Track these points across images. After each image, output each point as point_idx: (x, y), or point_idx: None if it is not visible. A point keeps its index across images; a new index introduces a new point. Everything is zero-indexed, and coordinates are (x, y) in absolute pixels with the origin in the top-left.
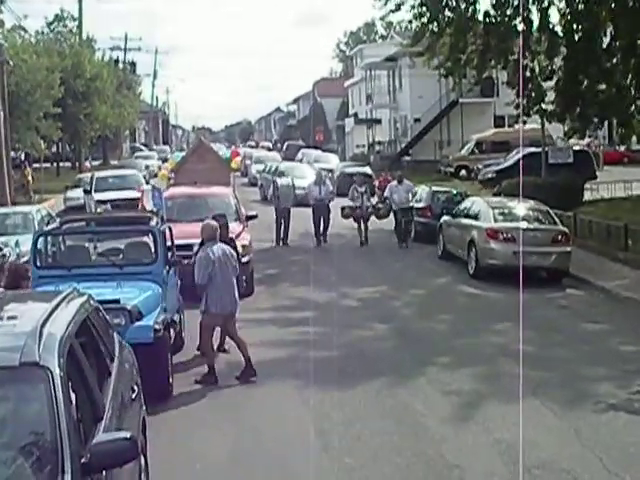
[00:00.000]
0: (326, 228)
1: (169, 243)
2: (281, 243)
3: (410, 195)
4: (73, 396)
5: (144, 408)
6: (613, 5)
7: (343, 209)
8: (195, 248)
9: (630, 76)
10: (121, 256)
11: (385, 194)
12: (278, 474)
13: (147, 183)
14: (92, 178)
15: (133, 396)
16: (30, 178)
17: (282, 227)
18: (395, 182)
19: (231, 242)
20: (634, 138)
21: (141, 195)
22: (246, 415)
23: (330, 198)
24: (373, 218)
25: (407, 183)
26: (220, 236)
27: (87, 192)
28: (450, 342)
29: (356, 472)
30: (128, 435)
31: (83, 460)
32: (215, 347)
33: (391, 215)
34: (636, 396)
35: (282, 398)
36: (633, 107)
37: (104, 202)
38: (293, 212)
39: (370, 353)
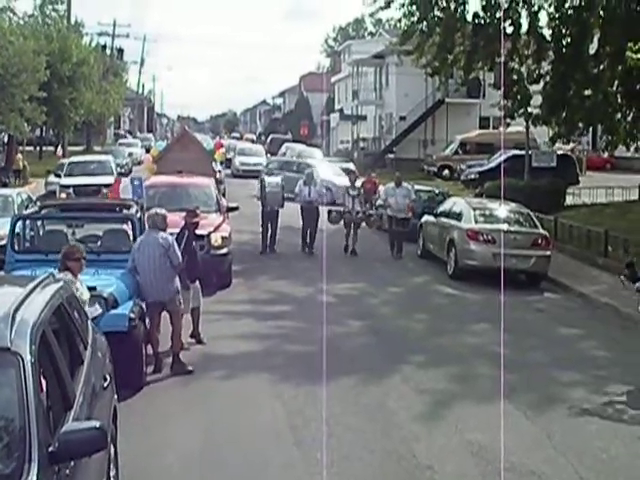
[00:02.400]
0: (313, 236)
1: None
2: (267, 250)
3: (408, 201)
4: (44, 383)
5: (116, 397)
6: (602, 12)
7: (330, 213)
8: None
9: (617, 83)
10: (99, 243)
11: (380, 200)
12: (249, 468)
13: (130, 172)
14: (64, 163)
15: (105, 385)
16: (25, 163)
17: (269, 232)
18: (392, 184)
19: (197, 237)
20: (620, 145)
21: (115, 183)
22: (219, 407)
23: (321, 201)
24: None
25: (406, 186)
26: (187, 227)
27: (57, 177)
28: (426, 341)
29: (327, 469)
30: (98, 424)
31: (51, 449)
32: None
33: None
34: (609, 402)
35: (256, 391)
36: (619, 114)
37: (67, 187)
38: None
39: (345, 350)
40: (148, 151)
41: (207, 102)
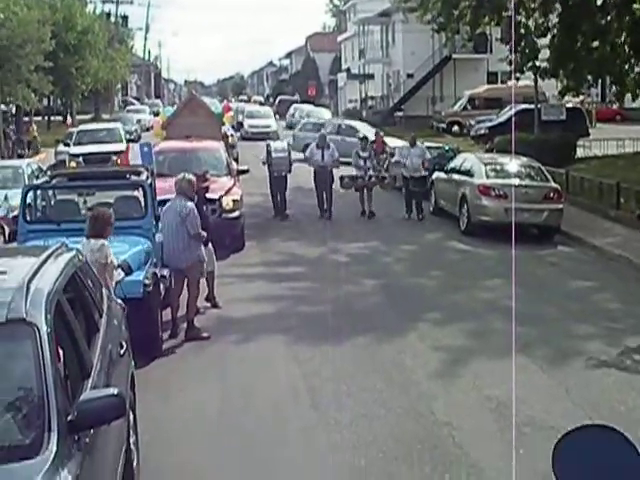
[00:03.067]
0: (330, 201)
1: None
2: (279, 214)
3: (422, 161)
4: (61, 353)
5: (133, 364)
6: None
7: (342, 179)
8: None
9: (624, 34)
10: (111, 210)
11: (395, 158)
12: (266, 431)
13: (139, 138)
14: (73, 132)
15: (122, 352)
16: (36, 134)
17: (278, 197)
18: (406, 144)
19: (208, 201)
20: (628, 96)
21: (126, 150)
22: (235, 371)
23: (335, 165)
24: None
25: (420, 146)
26: (196, 191)
27: (67, 146)
28: (440, 298)
29: (346, 429)
30: (116, 392)
31: (70, 417)
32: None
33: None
34: (625, 354)
35: (271, 354)
36: (627, 65)
37: (77, 156)
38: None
39: (360, 309)
40: (157, 116)
41: (214, 66)
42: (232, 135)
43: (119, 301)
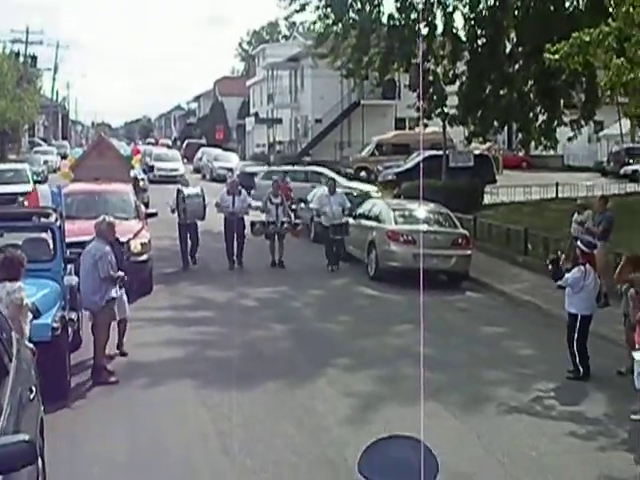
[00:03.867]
0: (241, 248)
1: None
2: (190, 264)
3: (342, 209)
4: None
5: (42, 408)
6: (516, 12)
7: (253, 225)
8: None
9: (531, 82)
10: (11, 249)
11: (313, 206)
12: (177, 477)
13: (46, 179)
14: None
15: (31, 396)
16: None
17: (188, 246)
18: (325, 191)
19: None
20: (532, 143)
21: (33, 191)
22: (144, 415)
23: (245, 211)
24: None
25: (340, 193)
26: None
27: None
28: (350, 343)
29: (257, 475)
30: (27, 438)
31: None
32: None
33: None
34: (536, 399)
35: (180, 399)
36: (532, 113)
37: None
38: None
39: (269, 354)
40: (64, 158)
41: (122, 108)
42: (143, 179)
43: (29, 345)
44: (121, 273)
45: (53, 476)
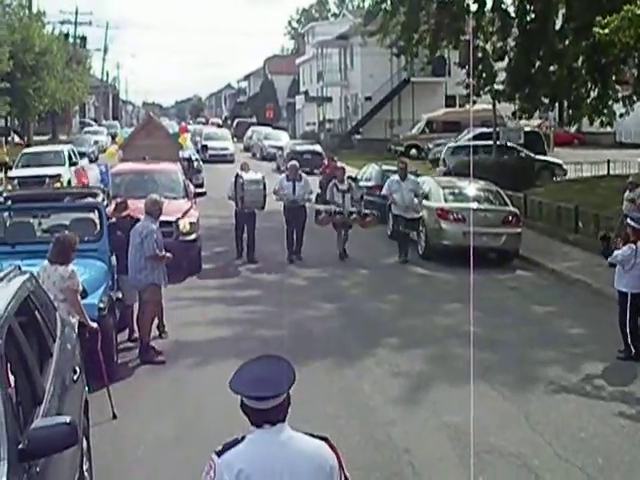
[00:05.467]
0: (300, 240)
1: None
2: (244, 256)
3: (415, 197)
4: (12, 378)
5: (86, 389)
6: None
7: (318, 213)
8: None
9: (581, 58)
10: (67, 232)
11: (383, 192)
12: None
13: (96, 159)
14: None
15: (75, 377)
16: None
17: (245, 237)
18: (396, 177)
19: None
20: (585, 120)
21: (76, 172)
22: (190, 395)
23: (308, 198)
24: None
25: (412, 179)
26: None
27: (9, 168)
28: (399, 323)
29: None
30: (68, 419)
31: (21, 446)
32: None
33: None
34: (585, 380)
35: (227, 379)
36: (584, 89)
37: (13, 179)
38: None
39: (318, 333)
40: (115, 138)
41: (172, 88)
42: (197, 159)
43: (94, 324)
44: (168, 254)
45: (99, 457)
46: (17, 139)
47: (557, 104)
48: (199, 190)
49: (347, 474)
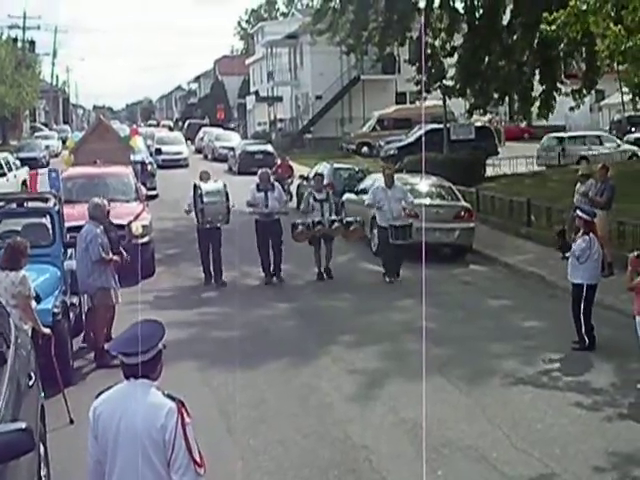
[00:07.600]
0: (279, 259)
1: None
2: (213, 280)
3: (403, 205)
4: None
5: (42, 395)
6: None
7: (295, 227)
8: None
9: (529, 53)
10: (17, 238)
11: (368, 201)
12: None
13: (48, 164)
14: None
15: (30, 383)
16: None
17: (211, 257)
18: (381, 185)
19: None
20: (534, 114)
21: (30, 178)
22: None
23: (284, 210)
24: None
25: (399, 186)
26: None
27: None
28: (354, 320)
29: (261, 455)
30: (24, 426)
31: None
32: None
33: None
34: (541, 372)
35: (184, 380)
36: (532, 84)
37: None
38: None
39: (273, 333)
40: (65, 142)
41: (122, 91)
42: (151, 163)
43: (46, 330)
44: (114, 257)
45: (56, 462)
46: None
47: (507, 99)
48: (152, 193)
49: (191, 442)
